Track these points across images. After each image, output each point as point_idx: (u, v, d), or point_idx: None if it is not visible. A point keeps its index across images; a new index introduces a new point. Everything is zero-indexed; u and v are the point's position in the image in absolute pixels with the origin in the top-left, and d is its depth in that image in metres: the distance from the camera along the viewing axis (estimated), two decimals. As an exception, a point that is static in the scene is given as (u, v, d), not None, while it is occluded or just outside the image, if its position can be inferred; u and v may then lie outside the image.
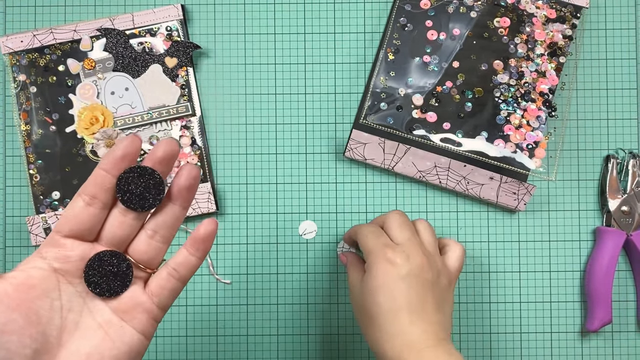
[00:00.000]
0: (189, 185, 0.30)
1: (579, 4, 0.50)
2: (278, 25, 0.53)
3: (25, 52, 0.51)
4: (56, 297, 0.28)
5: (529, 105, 0.49)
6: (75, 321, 0.29)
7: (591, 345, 0.51)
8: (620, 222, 0.50)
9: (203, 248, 0.31)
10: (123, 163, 0.29)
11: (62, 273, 0.29)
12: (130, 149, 0.29)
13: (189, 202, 0.31)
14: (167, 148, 0.29)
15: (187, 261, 0.31)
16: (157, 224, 0.31)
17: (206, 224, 0.31)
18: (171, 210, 0.31)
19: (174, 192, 0.30)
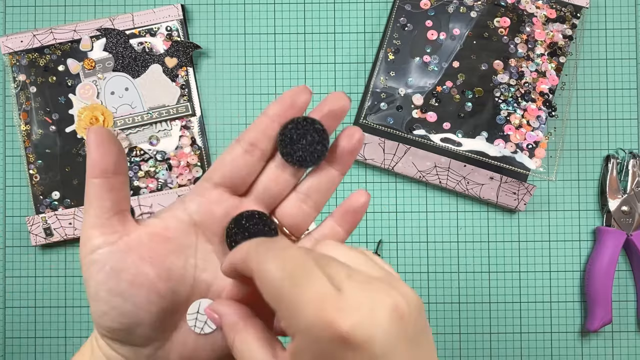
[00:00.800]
0: (353, 148, 0.27)
1: (579, 4, 0.50)
2: (278, 25, 0.53)
3: (25, 52, 0.51)
4: (192, 254, 0.26)
5: (529, 105, 0.49)
6: (208, 283, 0.27)
7: (591, 345, 0.51)
8: (620, 222, 0.50)
9: (352, 221, 0.28)
10: (290, 112, 0.26)
11: (202, 228, 0.26)
12: (300, 98, 0.26)
13: (348, 167, 0.28)
14: (338, 101, 0.27)
15: (333, 233, 0.28)
16: (311, 187, 0.28)
17: (359, 194, 0.28)
18: (328, 174, 0.27)
19: (336, 154, 0.27)
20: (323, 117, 0.26)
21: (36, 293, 0.52)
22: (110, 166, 0.24)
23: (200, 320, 0.26)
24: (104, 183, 0.24)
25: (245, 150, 0.26)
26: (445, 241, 0.52)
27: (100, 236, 0.24)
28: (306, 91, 0.26)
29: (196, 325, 0.26)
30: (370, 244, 0.52)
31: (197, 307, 0.26)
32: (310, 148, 0.27)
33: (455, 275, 0.52)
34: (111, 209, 0.25)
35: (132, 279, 0.24)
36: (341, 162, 0.27)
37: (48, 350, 0.51)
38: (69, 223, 0.50)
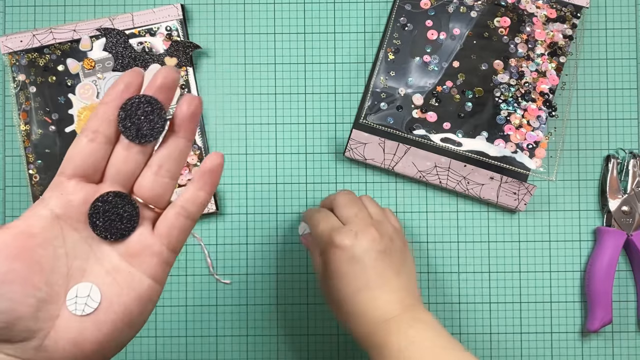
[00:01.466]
0: (191, 113, 0.29)
1: (579, 4, 0.50)
2: (278, 25, 0.52)
3: (25, 52, 0.51)
4: (60, 245, 0.27)
5: (530, 105, 0.49)
6: (82, 268, 0.28)
7: (591, 346, 0.51)
8: (620, 222, 0.50)
9: (211, 181, 0.30)
10: (126, 94, 0.28)
11: (65, 219, 0.28)
12: (133, 79, 0.28)
13: (192, 133, 0.30)
14: (167, 74, 0.28)
15: (195, 197, 0.29)
16: (161, 158, 0.29)
17: (212, 156, 0.29)
18: (175, 143, 0.29)
19: (176, 123, 0.29)
20: (156, 92, 0.28)
21: (36, 293, 0.52)
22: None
23: (80, 304, 0.27)
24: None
25: (89, 139, 0.28)
26: (445, 241, 0.52)
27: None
28: (137, 74, 0.28)
29: (77, 308, 0.27)
30: (370, 244, 0.51)
31: (75, 292, 0.27)
32: (148, 122, 0.28)
33: (455, 276, 0.51)
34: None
35: (3, 277, 0.25)
36: (183, 128, 0.29)
37: (48, 350, 0.51)
38: (68, 223, 0.50)
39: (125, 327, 0.28)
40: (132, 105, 0.28)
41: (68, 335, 0.26)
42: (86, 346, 0.27)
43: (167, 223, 0.29)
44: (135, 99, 0.28)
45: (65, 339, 0.26)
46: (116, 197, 0.28)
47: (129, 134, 0.28)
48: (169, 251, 0.29)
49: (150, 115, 0.28)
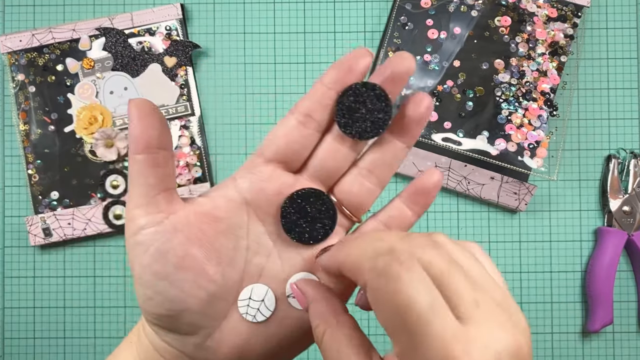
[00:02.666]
0: (420, 116, 0.24)
1: (580, 3, 0.50)
2: (278, 25, 0.52)
3: (24, 52, 0.50)
4: (243, 236, 0.24)
5: (531, 105, 0.49)
6: (260, 267, 0.25)
7: (592, 346, 0.51)
8: (621, 222, 0.50)
9: (424, 202, 0.25)
10: (349, 78, 0.23)
11: (254, 207, 0.24)
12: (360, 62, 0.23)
13: (414, 139, 0.25)
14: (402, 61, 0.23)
15: (401, 216, 0.25)
16: (374, 162, 0.25)
17: (431, 172, 0.25)
18: (393, 147, 0.25)
19: (401, 124, 0.24)
20: (385, 82, 0.23)
21: (35, 293, 0.51)
22: (154, 140, 0.22)
23: (252, 307, 0.24)
24: (147, 159, 0.22)
25: (299, 122, 0.24)
26: (445, 241, 0.51)
27: (144, 216, 0.22)
28: (366, 54, 0.23)
29: (248, 312, 0.24)
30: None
31: (249, 292, 0.24)
32: (371, 117, 0.24)
33: (455, 276, 0.51)
34: (156, 187, 0.23)
35: (179, 262, 0.22)
36: (407, 132, 0.24)
37: (47, 350, 0.51)
38: (67, 223, 0.50)
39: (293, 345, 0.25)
40: (354, 92, 0.23)
41: (233, 341, 0.24)
42: (250, 356, 0.24)
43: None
44: (360, 86, 0.23)
45: (230, 343, 0.24)
46: (315, 195, 0.25)
47: (345, 126, 0.24)
48: None
49: (374, 109, 0.24)
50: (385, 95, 0.23)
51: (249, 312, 0.24)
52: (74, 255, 0.51)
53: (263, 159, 0.24)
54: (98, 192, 0.50)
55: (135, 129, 0.22)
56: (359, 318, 0.50)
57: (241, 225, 0.24)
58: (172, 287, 0.22)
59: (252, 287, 0.24)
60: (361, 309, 0.24)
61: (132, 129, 0.22)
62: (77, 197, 0.50)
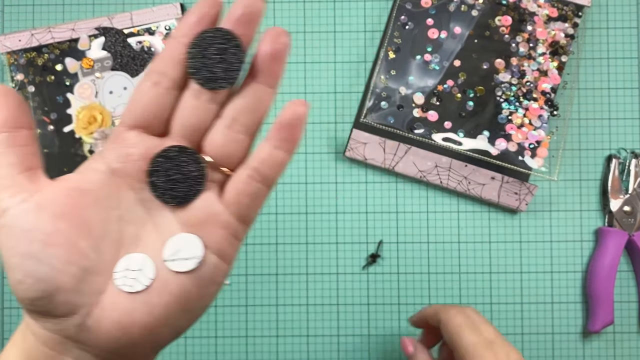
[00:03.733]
0: (276, 52, 0.23)
1: (580, 3, 0.50)
2: (278, 25, 0.52)
3: (24, 51, 0.50)
4: (114, 206, 0.23)
5: (531, 104, 0.49)
6: (136, 236, 0.24)
7: (593, 347, 0.51)
8: (622, 222, 0.50)
9: (291, 137, 0.24)
10: (198, 28, 0.23)
11: (122, 175, 0.23)
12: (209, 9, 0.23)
13: (276, 77, 0.24)
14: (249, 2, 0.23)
15: (271, 156, 0.24)
16: (237, 109, 0.24)
17: (293, 105, 0.24)
18: (254, 90, 0.24)
19: (257, 65, 0.23)
20: (234, 25, 0.23)
21: (34, 294, 0.51)
22: (10, 120, 0.23)
23: (129, 278, 0.22)
24: (5, 138, 0.23)
25: (153, 83, 0.23)
26: (446, 241, 0.51)
27: (8, 198, 0.22)
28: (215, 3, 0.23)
29: (125, 283, 0.22)
30: (370, 244, 0.51)
31: (125, 263, 0.23)
32: (222, 63, 0.23)
33: (456, 276, 0.51)
34: (18, 166, 0.23)
35: (46, 238, 0.21)
36: (266, 71, 0.23)
37: (46, 351, 0.51)
38: (67, 223, 0.50)
39: (181, 312, 0.23)
40: (203, 41, 0.23)
41: (114, 316, 0.22)
42: (134, 330, 0.23)
43: (237, 188, 0.24)
44: (208, 33, 0.23)
45: (111, 319, 0.22)
46: (180, 152, 0.23)
47: (199, 77, 0.23)
48: (238, 222, 0.24)
49: (224, 55, 0.23)
50: (235, 39, 0.23)
51: (126, 283, 0.22)
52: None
53: (125, 126, 0.24)
54: (97, 192, 0.50)
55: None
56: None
57: (111, 196, 0.23)
58: (41, 265, 0.21)
59: (128, 257, 0.23)
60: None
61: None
62: (76, 197, 0.50)
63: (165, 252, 0.23)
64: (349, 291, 0.51)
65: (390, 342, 0.51)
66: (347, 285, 0.51)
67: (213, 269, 0.24)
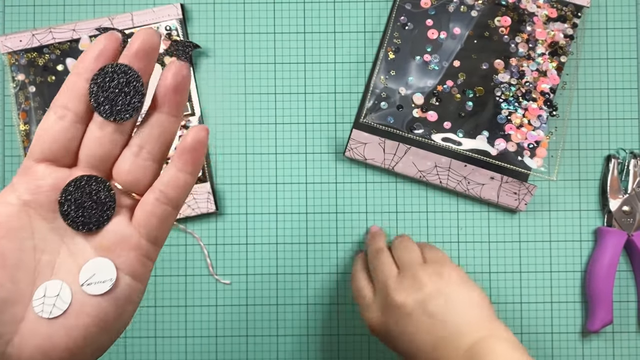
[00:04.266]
0: (176, 84, 0.25)
1: (580, 3, 0.50)
2: (278, 25, 0.52)
3: (24, 52, 0.50)
4: (27, 236, 0.24)
5: (530, 105, 0.49)
6: (51, 264, 0.24)
7: (592, 346, 0.51)
8: (621, 222, 0.50)
9: (192, 160, 0.26)
10: (98, 64, 0.24)
11: (34, 206, 0.24)
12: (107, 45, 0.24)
13: (178, 107, 0.25)
14: (145, 38, 0.24)
15: (175, 179, 0.26)
16: (143, 138, 0.25)
17: (194, 130, 0.25)
18: (157, 120, 0.25)
19: (159, 95, 0.25)
20: (132, 60, 0.24)
21: (35, 293, 0.51)
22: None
23: (47, 304, 0.23)
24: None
25: (58, 117, 0.24)
26: (445, 241, 0.51)
27: None
28: (112, 37, 0.24)
29: (44, 310, 0.23)
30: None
31: (43, 291, 0.24)
32: (124, 96, 0.24)
33: (455, 276, 0.51)
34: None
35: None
36: (168, 103, 0.25)
37: (47, 350, 0.51)
38: (68, 223, 0.50)
39: (99, 332, 0.24)
40: (104, 76, 0.24)
41: (34, 342, 0.23)
42: (55, 353, 0.23)
43: (145, 210, 0.25)
44: (109, 68, 0.24)
45: (32, 345, 0.23)
46: (89, 181, 0.25)
47: (101, 110, 0.24)
48: (149, 243, 0.26)
49: (125, 88, 0.24)
50: (134, 73, 0.24)
51: (45, 309, 0.23)
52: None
53: (32, 160, 0.25)
54: (98, 192, 0.50)
55: None
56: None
57: (23, 227, 0.24)
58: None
59: (45, 285, 0.24)
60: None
61: None
62: (77, 197, 0.50)
63: (81, 277, 0.24)
64: (349, 291, 0.51)
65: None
66: (347, 285, 0.51)
67: (128, 289, 0.25)
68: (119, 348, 0.51)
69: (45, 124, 0.24)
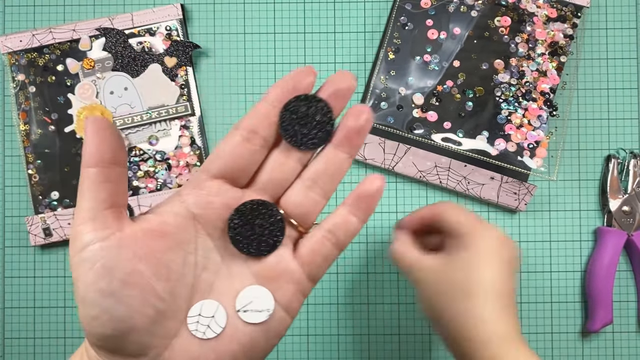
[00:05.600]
0: (361, 127, 0.25)
1: (579, 3, 0.50)
2: (278, 25, 0.52)
3: (24, 52, 0.50)
4: (191, 251, 0.24)
5: (530, 105, 0.49)
6: (209, 283, 0.24)
7: (592, 346, 0.51)
8: (621, 222, 0.50)
9: (367, 208, 0.25)
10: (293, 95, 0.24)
11: (201, 222, 0.24)
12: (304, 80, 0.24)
13: (356, 149, 0.25)
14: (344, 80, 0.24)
15: (346, 222, 0.25)
16: (317, 173, 0.25)
17: (373, 177, 0.25)
18: (336, 158, 0.25)
19: (341, 134, 0.25)
20: (328, 98, 0.25)
21: (35, 293, 0.51)
22: (107, 155, 0.23)
23: (202, 324, 0.23)
24: (99, 173, 0.22)
25: (244, 139, 0.24)
26: (445, 241, 0.52)
27: (91, 232, 0.22)
28: (310, 72, 0.24)
29: (198, 329, 0.23)
30: (370, 244, 0.51)
31: (199, 309, 0.23)
32: (314, 128, 0.25)
33: (455, 276, 0.51)
34: (105, 202, 0.23)
35: (126, 278, 0.22)
36: (348, 143, 0.25)
37: (47, 350, 0.51)
38: (68, 223, 0.50)
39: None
40: (298, 105, 0.24)
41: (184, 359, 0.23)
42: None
43: (312, 247, 0.25)
44: (304, 98, 0.24)
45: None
46: (262, 206, 0.25)
47: (291, 137, 0.25)
48: (308, 280, 0.25)
49: (316, 118, 0.24)
50: (328, 107, 0.25)
51: (199, 329, 0.23)
52: (74, 255, 0.51)
53: (209, 175, 0.24)
54: (98, 192, 0.50)
55: (89, 142, 0.22)
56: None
57: (189, 241, 0.24)
58: (119, 304, 0.22)
59: (202, 303, 0.24)
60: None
61: (86, 143, 0.22)
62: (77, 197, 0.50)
63: (238, 302, 0.24)
64: (349, 291, 0.51)
65: (390, 342, 0.51)
66: (347, 285, 0.51)
67: (280, 322, 0.25)
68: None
69: (229, 144, 0.24)
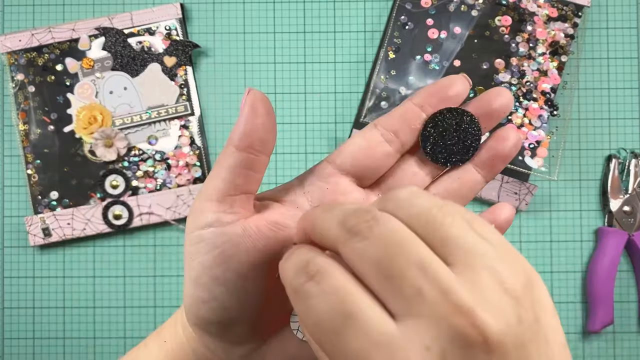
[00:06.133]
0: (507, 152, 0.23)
1: (580, 3, 0.50)
2: (278, 25, 0.52)
3: (24, 52, 0.50)
4: None
5: (531, 104, 0.49)
6: None
7: (592, 346, 0.51)
8: (622, 222, 0.50)
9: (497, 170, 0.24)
10: (441, 104, 0.23)
11: None
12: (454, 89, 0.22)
13: (494, 175, 0.24)
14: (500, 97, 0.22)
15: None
16: (449, 191, 0.23)
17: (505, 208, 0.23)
18: (471, 178, 0.23)
19: (485, 157, 0.23)
20: (482, 114, 0.23)
21: (34, 294, 0.51)
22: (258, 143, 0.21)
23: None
24: (244, 159, 0.21)
25: (385, 139, 0.23)
26: (446, 241, 0.51)
27: (215, 212, 0.21)
28: (464, 82, 0.23)
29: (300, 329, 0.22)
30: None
31: None
32: (457, 144, 0.23)
33: (456, 276, 0.51)
34: (239, 188, 0.21)
35: (242, 269, 0.21)
36: (491, 167, 0.23)
37: (47, 350, 0.51)
38: (67, 223, 0.50)
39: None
40: (445, 117, 0.23)
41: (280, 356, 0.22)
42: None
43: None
44: (452, 111, 0.23)
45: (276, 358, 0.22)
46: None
47: (431, 149, 0.23)
48: None
49: (461, 136, 0.23)
50: (477, 126, 0.23)
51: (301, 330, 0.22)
52: (73, 256, 0.51)
53: (337, 168, 0.23)
54: (97, 192, 0.50)
55: (245, 121, 0.21)
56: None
57: None
58: (231, 295, 0.21)
59: None
60: None
61: (243, 122, 0.21)
62: (76, 197, 0.50)
63: None
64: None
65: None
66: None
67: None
68: (119, 349, 0.51)
69: (367, 140, 0.23)
